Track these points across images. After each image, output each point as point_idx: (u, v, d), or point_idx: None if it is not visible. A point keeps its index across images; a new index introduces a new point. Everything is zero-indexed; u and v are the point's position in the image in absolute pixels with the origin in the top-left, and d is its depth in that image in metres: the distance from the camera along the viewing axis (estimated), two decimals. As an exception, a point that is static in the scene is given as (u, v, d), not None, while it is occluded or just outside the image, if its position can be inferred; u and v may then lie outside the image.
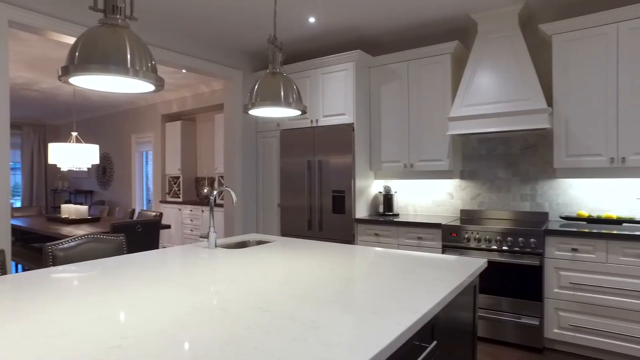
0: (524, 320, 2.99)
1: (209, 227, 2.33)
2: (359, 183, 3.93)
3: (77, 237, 2.18)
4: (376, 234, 3.75)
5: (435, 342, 1.31)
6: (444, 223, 3.39)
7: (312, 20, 3.66)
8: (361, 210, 3.97)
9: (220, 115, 6.33)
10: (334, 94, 4.00)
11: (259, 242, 2.62)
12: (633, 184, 3.16)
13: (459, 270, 1.71)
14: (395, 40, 4.23)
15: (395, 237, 3.65)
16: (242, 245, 2.58)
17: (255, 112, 2.09)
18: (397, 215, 4.02)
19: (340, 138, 3.92)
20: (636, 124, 2.88)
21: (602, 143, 3.00)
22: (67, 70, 1.23)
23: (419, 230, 3.53)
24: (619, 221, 3.05)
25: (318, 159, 4.08)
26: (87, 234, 2.24)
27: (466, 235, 3.25)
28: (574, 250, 2.86)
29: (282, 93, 1.89)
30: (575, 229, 2.87)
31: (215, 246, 2.32)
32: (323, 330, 1.06)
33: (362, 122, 3.98)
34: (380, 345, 0.96)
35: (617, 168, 2.98)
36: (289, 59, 4.83)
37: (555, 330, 2.93)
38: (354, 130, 3.85)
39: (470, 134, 3.42)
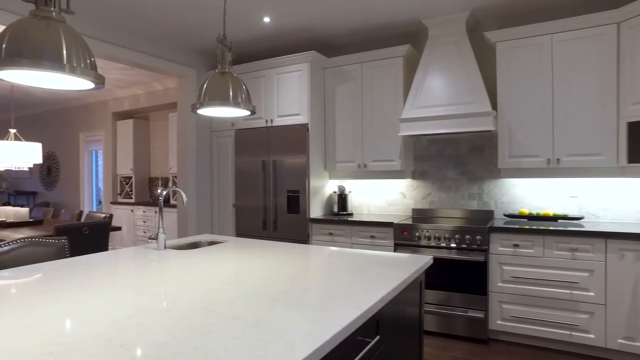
0: (471, 313, 3.14)
1: (158, 228, 2.27)
2: (314, 183, 3.96)
3: (12, 241, 2.05)
4: (330, 234, 3.79)
5: (378, 337, 1.35)
6: (396, 222, 3.48)
7: (266, 20, 3.65)
8: (316, 210, 4.00)
9: (175, 114, 6.15)
10: (288, 94, 4.00)
11: (211, 243, 2.58)
12: (567, 183, 3.40)
13: (405, 267, 1.77)
14: (349, 42, 4.30)
15: (349, 237, 3.71)
16: (194, 246, 2.54)
17: (203, 111, 2.06)
18: (351, 214, 4.08)
19: (295, 138, 3.93)
20: (568, 127, 3.10)
21: (540, 145, 3.20)
22: (-6, 64, 1.15)
23: (372, 229, 3.60)
24: (554, 218, 3.27)
25: (273, 159, 4.07)
26: (24, 238, 2.12)
27: (417, 234, 3.36)
28: (516, 245, 3.03)
29: (230, 93, 1.87)
30: (516, 226, 3.04)
31: (165, 247, 2.26)
32: (265, 328, 1.06)
33: (317, 123, 4.01)
34: (320, 341, 0.98)
35: (553, 168, 3.19)
36: (244, 58, 4.78)
37: (499, 322, 3.09)
38: (308, 130, 3.88)
39: (421, 135, 3.54)
